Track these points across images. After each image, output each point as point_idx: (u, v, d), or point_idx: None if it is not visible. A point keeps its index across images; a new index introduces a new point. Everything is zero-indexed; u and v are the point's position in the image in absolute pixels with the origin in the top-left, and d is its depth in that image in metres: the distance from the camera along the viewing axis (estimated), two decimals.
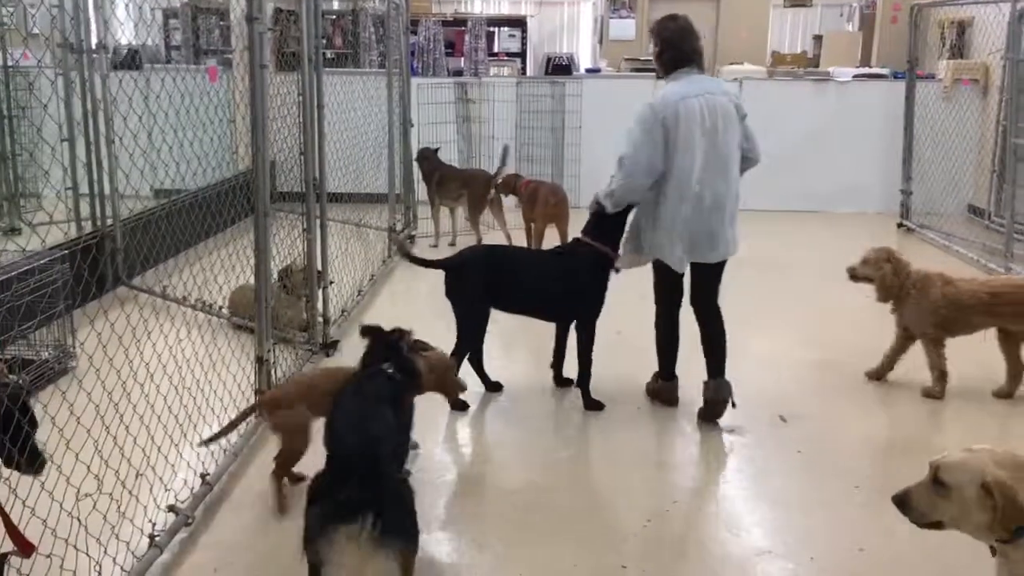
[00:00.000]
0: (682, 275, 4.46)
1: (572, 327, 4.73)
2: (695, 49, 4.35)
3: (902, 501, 2.39)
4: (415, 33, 11.76)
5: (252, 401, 4.23)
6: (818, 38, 12.94)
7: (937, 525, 2.36)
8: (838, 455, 4.15)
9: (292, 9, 6.88)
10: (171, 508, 3.36)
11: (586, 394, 4.64)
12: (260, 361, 4.26)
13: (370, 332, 3.57)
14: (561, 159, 9.41)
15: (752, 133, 4.50)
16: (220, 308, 5.75)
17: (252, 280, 4.32)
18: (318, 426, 3.31)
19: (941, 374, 4.83)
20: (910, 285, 4.87)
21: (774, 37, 13.77)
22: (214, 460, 3.79)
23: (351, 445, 2.82)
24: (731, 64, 11.60)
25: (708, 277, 4.47)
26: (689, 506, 3.70)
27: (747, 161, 4.49)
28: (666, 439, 4.34)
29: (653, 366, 4.72)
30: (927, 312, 4.80)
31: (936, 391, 4.83)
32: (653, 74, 9.75)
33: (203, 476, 3.63)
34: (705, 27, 13.19)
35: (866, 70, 10.84)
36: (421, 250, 7.54)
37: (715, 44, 13.01)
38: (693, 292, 4.52)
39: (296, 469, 3.61)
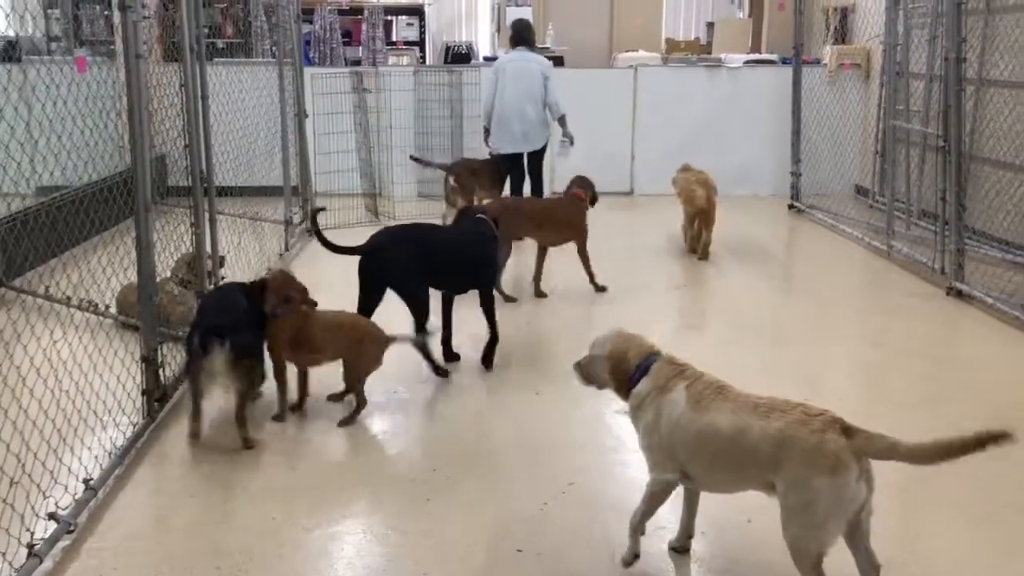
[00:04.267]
0: (514, 159, 7.94)
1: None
2: (525, 37, 8.09)
3: (578, 367, 3.27)
4: (310, 22, 11.53)
5: (138, 404, 4.12)
6: (710, 25, 13.19)
7: (600, 386, 3.25)
8: None
9: None
10: (51, 516, 3.23)
11: (493, 353, 5.05)
12: (146, 361, 4.13)
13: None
14: (460, 148, 9.39)
15: (552, 88, 7.83)
16: (107, 308, 5.55)
17: None
18: None
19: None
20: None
21: (668, 24, 13.99)
22: (98, 464, 3.66)
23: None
24: (626, 51, 11.75)
25: (531, 162, 8.02)
26: (586, 487, 3.74)
27: (549, 107, 7.83)
28: (564, 422, 4.38)
29: (548, 344, 4.73)
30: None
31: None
32: (550, 61, 9.93)
33: (86, 481, 3.50)
34: (601, 15, 13.33)
35: (756, 56, 11.12)
36: None
37: (611, 32, 13.15)
38: (527, 170, 8.02)
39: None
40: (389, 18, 13.30)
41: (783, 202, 9.55)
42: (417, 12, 13.53)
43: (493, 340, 5.03)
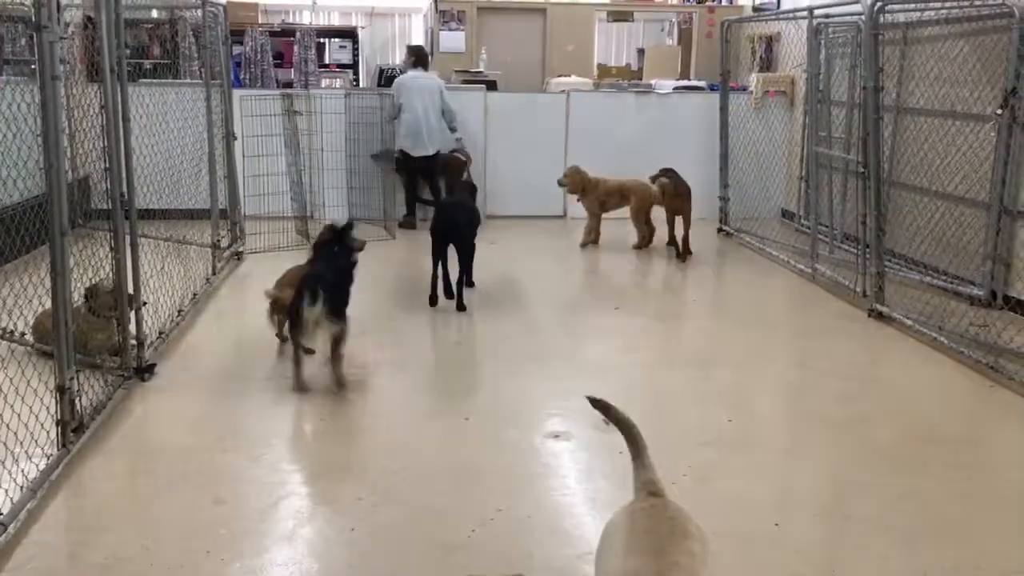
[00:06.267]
0: (414, 160, 9.28)
1: None
2: (422, 59, 9.78)
3: None
4: (241, 43, 11.42)
5: (52, 434, 3.99)
6: (641, 51, 13.42)
7: None
8: (658, 454, 4.26)
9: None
10: None
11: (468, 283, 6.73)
12: (61, 391, 3.99)
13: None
14: (391, 171, 9.36)
15: (447, 102, 9.43)
16: (23, 335, 5.37)
17: None
18: None
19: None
20: (589, 184, 8.64)
21: (600, 50, 14.16)
22: (8, 498, 3.52)
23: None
24: (559, 76, 11.85)
25: (425, 165, 9.36)
26: (514, 513, 3.71)
27: (446, 114, 9.45)
28: (491, 447, 4.35)
29: (478, 366, 4.73)
30: (594, 198, 8.63)
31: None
32: (483, 85, 10.03)
33: None
34: (533, 40, 13.45)
35: (685, 82, 11.32)
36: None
37: (543, 57, 13.25)
38: (421, 172, 9.43)
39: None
40: (321, 40, 13.26)
41: (712, 225, 9.71)
42: (350, 35, 13.51)
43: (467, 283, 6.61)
